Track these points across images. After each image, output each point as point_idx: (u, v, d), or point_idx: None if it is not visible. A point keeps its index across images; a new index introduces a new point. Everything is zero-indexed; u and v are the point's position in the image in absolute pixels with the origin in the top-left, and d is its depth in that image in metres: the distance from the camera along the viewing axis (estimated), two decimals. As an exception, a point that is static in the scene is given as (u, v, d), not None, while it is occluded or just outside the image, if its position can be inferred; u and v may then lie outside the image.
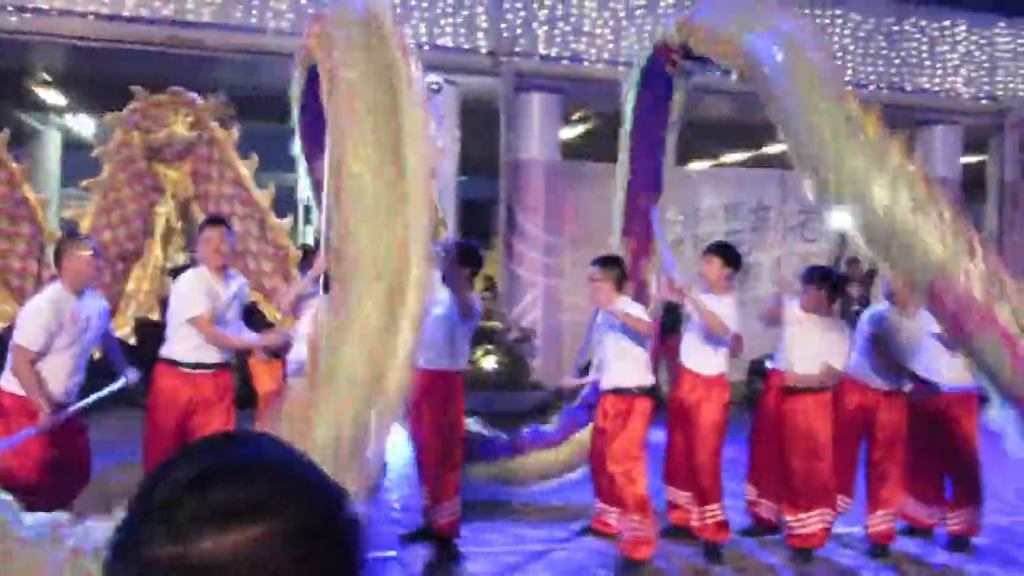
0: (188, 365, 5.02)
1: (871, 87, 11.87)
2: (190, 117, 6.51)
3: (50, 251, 5.43)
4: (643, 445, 5.30)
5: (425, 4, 10.16)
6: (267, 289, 6.69)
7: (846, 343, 5.54)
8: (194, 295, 5.01)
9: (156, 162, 6.55)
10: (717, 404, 5.53)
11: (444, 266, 5.14)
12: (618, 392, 5.32)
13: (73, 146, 13.20)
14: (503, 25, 10.46)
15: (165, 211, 6.61)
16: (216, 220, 5.38)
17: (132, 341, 6.44)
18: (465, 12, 10.35)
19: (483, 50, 10.43)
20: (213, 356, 5.08)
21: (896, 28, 12.18)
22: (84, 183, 6.60)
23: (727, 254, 5.63)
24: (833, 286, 5.65)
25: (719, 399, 5.54)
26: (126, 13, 9.16)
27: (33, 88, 11.23)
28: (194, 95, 6.60)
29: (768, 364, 5.84)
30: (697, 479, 5.53)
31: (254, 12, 9.55)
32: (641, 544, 5.20)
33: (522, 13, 10.55)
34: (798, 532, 5.51)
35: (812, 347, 5.47)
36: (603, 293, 5.34)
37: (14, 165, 6.45)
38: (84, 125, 12.81)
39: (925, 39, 12.31)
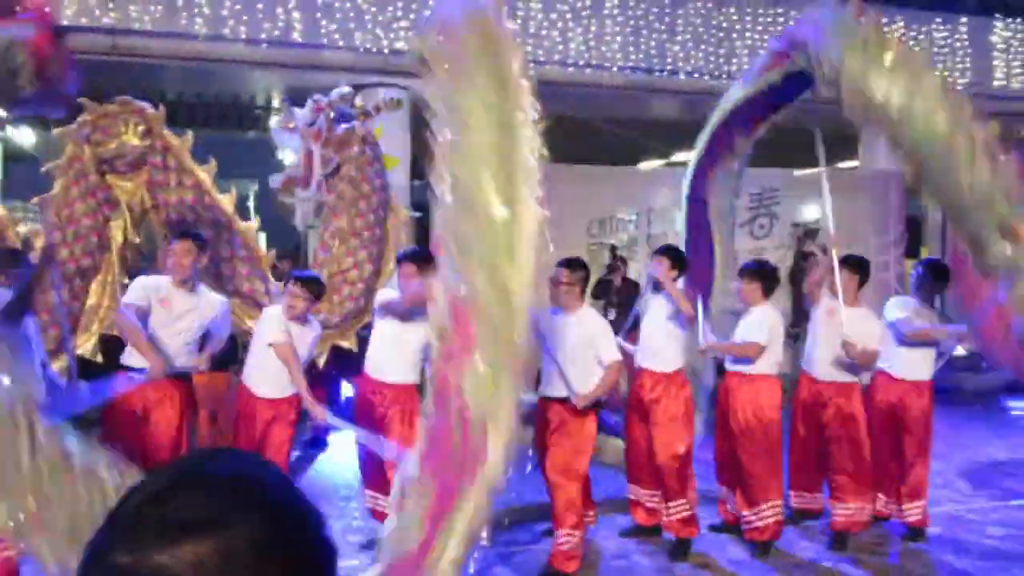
0: (142, 371, 4.96)
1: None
2: (141, 126, 6.37)
3: None
4: (587, 457, 5.27)
5: (375, 8, 10.10)
6: (245, 292, 6.60)
7: (770, 332, 5.57)
8: (133, 292, 5.01)
9: (109, 174, 6.40)
10: (677, 399, 5.57)
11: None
12: (563, 401, 5.25)
13: (14, 158, 12.88)
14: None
15: (120, 224, 6.47)
16: (184, 234, 5.32)
17: (98, 358, 6.32)
18: (414, 16, 10.31)
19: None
20: (168, 363, 5.03)
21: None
22: (34, 200, 6.45)
23: (674, 256, 5.70)
24: (768, 279, 5.72)
25: (678, 395, 5.59)
26: (65, 22, 8.96)
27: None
28: (144, 104, 6.47)
29: (726, 364, 5.91)
30: (663, 476, 5.57)
31: (197, 19, 9.41)
32: (571, 559, 5.17)
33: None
34: (755, 525, 5.58)
35: (744, 338, 5.61)
36: (570, 296, 5.30)
37: None
38: (25, 137, 12.50)
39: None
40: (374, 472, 5.40)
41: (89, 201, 6.29)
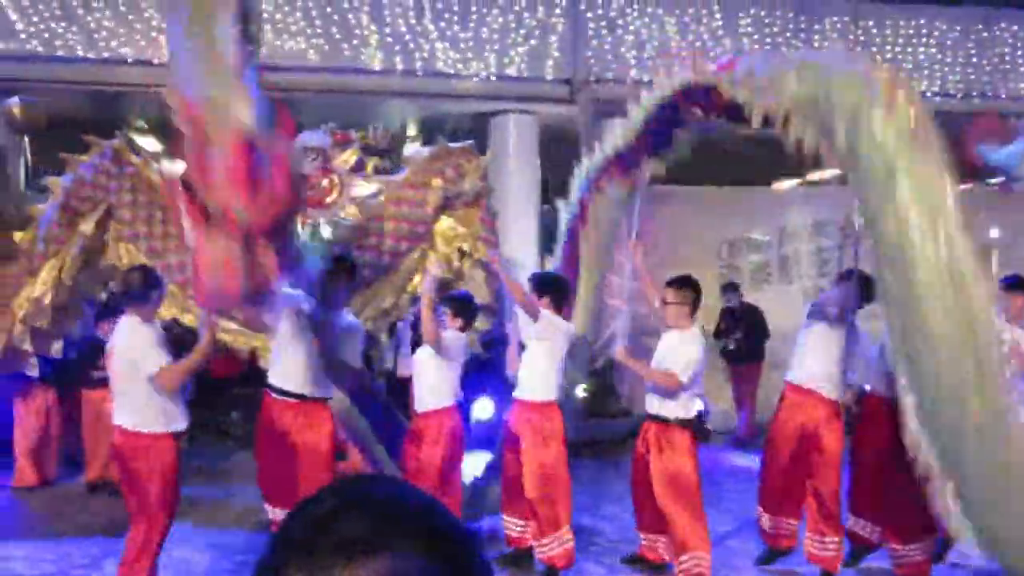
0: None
1: (963, 96, 11.54)
2: (479, 170, 6.68)
3: None
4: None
5: (497, 35, 10.30)
6: None
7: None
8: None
9: (447, 211, 6.69)
10: (839, 428, 5.41)
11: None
12: (665, 421, 5.24)
13: (169, 191, 13.68)
14: (583, 53, 10.52)
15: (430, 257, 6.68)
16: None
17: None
18: (540, 41, 10.45)
19: (560, 78, 10.49)
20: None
21: (985, 34, 11.83)
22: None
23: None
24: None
25: (838, 422, 5.43)
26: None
27: (131, 136, 11.69)
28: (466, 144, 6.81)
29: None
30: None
31: (347, 51, 9.84)
32: None
33: (594, 41, 10.59)
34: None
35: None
36: (678, 315, 5.26)
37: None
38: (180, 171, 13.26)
39: (1016, 43, 11.92)
40: (515, 498, 5.45)
41: (401, 225, 6.56)
